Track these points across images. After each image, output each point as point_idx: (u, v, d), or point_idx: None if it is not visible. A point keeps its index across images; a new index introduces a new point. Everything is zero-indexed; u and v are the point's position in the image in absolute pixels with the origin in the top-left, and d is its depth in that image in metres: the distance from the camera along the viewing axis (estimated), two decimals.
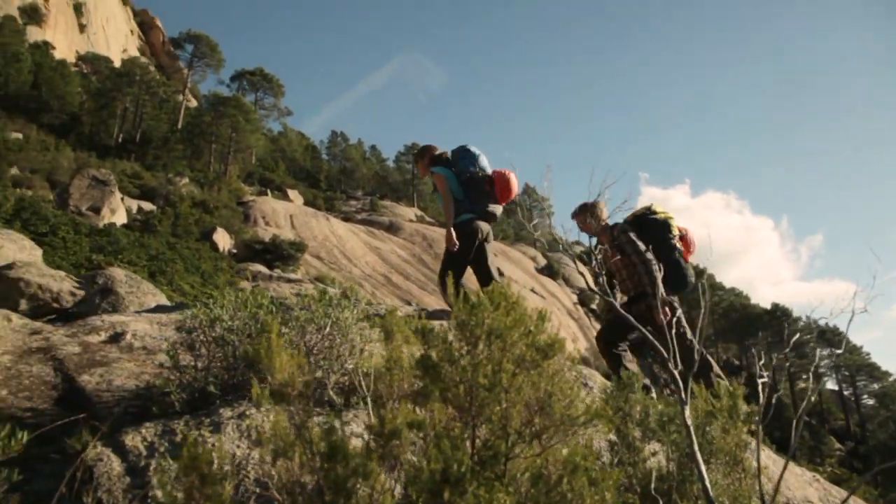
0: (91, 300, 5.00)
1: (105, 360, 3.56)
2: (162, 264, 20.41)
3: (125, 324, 4.02)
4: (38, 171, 29.94)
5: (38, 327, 4.02)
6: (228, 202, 36.18)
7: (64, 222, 20.94)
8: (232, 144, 47.90)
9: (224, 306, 2.59)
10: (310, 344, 2.78)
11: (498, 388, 1.19)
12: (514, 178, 5.38)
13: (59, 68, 49.05)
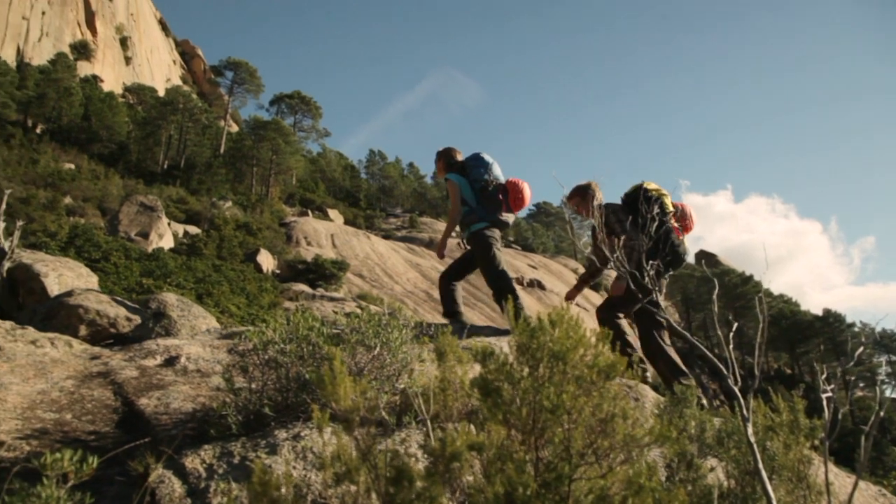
0: (145, 325, 5.13)
1: (161, 383, 3.64)
2: (209, 286, 20.80)
3: (179, 347, 4.11)
4: (90, 200, 30.87)
5: (98, 352, 4.14)
6: (271, 223, 36.76)
7: (115, 248, 21.52)
8: (273, 167, 48.73)
9: (276, 329, 2.64)
10: (360, 364, 2.80)
11: (560, 410, 1.19)
12: (526, 187, 5.41)
13: (108, 100, 50.70)
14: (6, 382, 3.46)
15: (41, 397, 3.40)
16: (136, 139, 48.72)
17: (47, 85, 47.40)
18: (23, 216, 21.10)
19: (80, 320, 4.67)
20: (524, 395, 1.24)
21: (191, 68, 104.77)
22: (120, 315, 4.83)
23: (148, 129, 48.47)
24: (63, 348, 4.08)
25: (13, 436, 2.88)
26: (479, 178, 5.37)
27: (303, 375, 2.62)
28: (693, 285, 52.05)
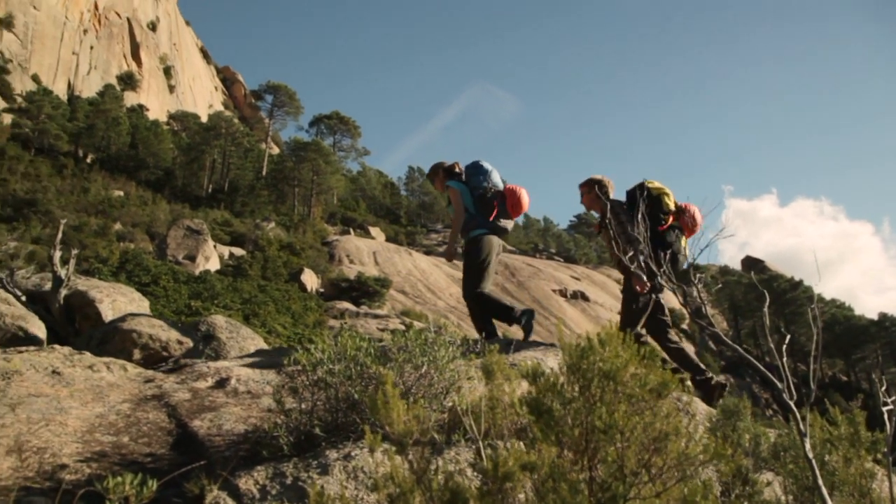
0: (195, 347, 5.24)
1: (213, 405, 3.71)
2: (255, 307, 21.13)
3: (229, 369, 4.19)
4: (139, 225, 31.69)
5: (151, 375, 4.24)
6: (314, 243, 37.22)
7: (164, 272, 22.03)
8: (314, 187, 49.39)
9: (324, 350, 2.68)
10: (408, 383, 2.82)
11: (613, 429, 1.19)
12: (524, 193, 5.43)
13: (153, 128, 52.15)
14: (66, 407, 3.57)
15: (99, 421, 3.49)
16: (181, 165, 49.93)
17: (96, 116, 48.98)
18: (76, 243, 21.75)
19: (133, 344, 4.80)
20: (576, 415, 1.24)
21: (232, 94, 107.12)
22: (171, 338, 4.94)
23: (192, 155, 49.62)
24: (118, 372, 4.19)
25: (75, 459, 2.97)
26: (479, 186, 5.41)
27: (352, 395, 2.65)
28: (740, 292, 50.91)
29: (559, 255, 59.24)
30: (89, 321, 5.80)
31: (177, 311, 16.17)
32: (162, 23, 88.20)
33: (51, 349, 4.41)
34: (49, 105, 45.94)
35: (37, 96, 46.82)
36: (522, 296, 38.65)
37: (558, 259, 56.53)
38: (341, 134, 66.77)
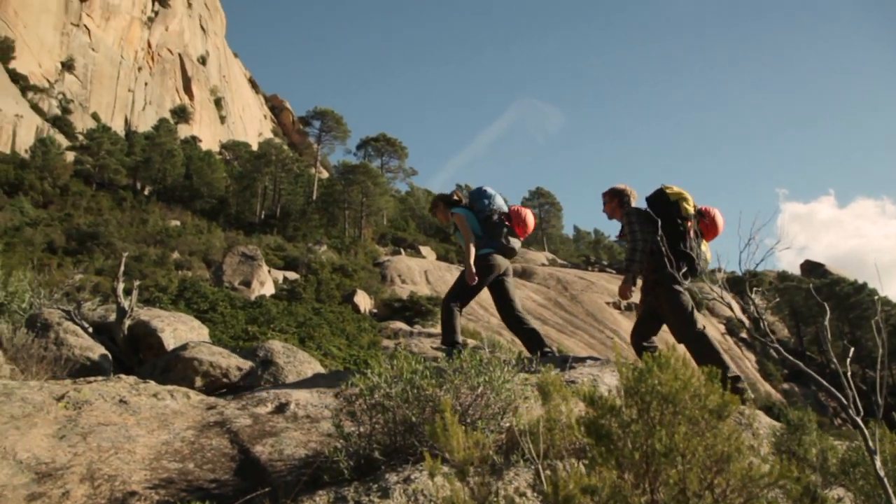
0: (254, 373, 5.34)
1: (274, 430, 3.77)
2: (310, 329, 21.41)
3: (288, 394, 4.25)
4: (195, 253, 32.53)
5: (213, 402, 4.33)
6: (365, 264, 37.58)
7: (221, 298, 22.54)
8: (364, 209, 49.98)
9: (380, 374, 2.70)
10: (464, 404, 2.82)
11: (674, 452, 1.17)
12: (529, 214, 5.63)
13: (206, 158, 53.72)
14: (134, 435, 3.67)
15: (165, 448, 3.58)
16: (234, 193, 51.19)
17: (152, 149, 50.67)
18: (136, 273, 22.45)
19: (195, 372, 4.92)
20: (635, 438, 1.23)
21: (280, 121, 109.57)
22: (231, 365, 5.05)
23: (244, 183, 50.81)
24: (182, 400, 4.30)
25: (143, 486, 3.06)
26: (484, 209, 5.57)
27: (409, 418, 2.67)
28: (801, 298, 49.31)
29: (612, 267, 58.45)
30: (152, 350, 5.98)
31: (234, 337, 16.51)
32: (211, 56, 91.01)
33: (117, 379, 4.55)
34: (108, 141, 47.73)
35: (97, 133, 48.71)
36: (576, 309, 38.27)
37: (611, 271, 55.79)
38: (388, 155, 67.53)
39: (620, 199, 5.10)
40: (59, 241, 29.42)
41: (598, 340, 34.03)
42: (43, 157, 41.77)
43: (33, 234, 28.83)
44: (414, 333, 27.00)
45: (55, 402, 4.05)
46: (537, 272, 45.12)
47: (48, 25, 63.62)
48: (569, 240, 71.78)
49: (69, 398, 4.09)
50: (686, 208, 4.77)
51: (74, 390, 4.22)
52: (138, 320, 6.25)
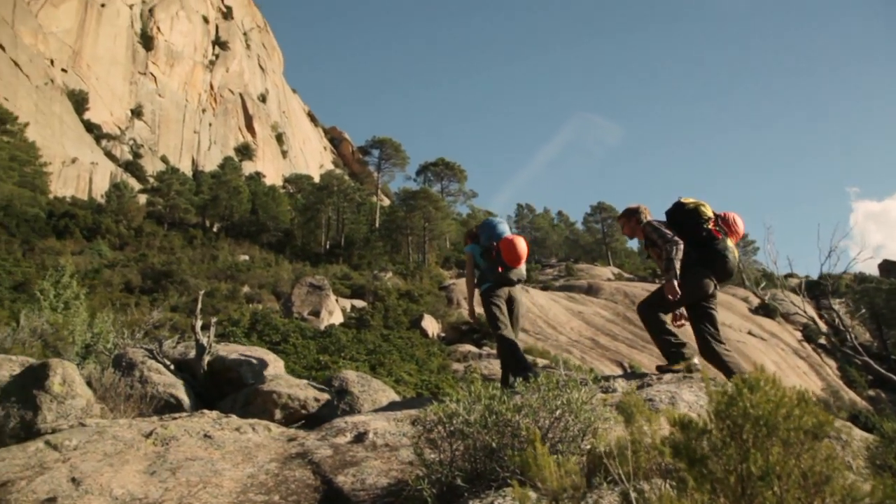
0: (331, 403, 5.41)
1: (354, 459, 3.81)
2: (380, 356, 21.60)
3: (366, 423, 4.29)
4: (265, 286, 33.28)
5: (293, 434, 4.41)
6: (431, 288, 37.76)
7: (292, 329, 22.99)
8: (426, 233, 50.35)
9: (459, 401, 2.71)
10: (543, 428, 2.80)
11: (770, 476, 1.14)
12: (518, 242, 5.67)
13: (271, 193, 55.19)
14: (220, 469, 3.76)
15: (251, 480, 3.66)
16: (298, 225, 52.34)
17: (219, 187, 52.37)
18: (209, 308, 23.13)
19: (274, 405, 5.03)
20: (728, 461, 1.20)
21: (340, 152, 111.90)
22: (308, 397, 5.14)
23: (308, 214, 51.92)
24: (263, 433, 4.39)
25: None
26: (486, 242, 5.80)
27: (490, 444, 2.66)
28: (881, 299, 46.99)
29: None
30: (231, 385, 6.14)
31: (307, 367, 16.78)
32: (271, 94, 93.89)
33: (201, 414, 4.68)
34: (177, 182, 49.62)
35: (166, 175, 50.71)
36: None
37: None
38: (448, 179, 68.04)
39: (637, 218, 5.27)
40: (136, 280, 30.58)
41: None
42: (117, 200, 43.68)
43: (111, 275, 30.06)
44: (483, 355, 26.92)
45: (144, 439, 4.20)
46: (604, 287, 44.47)
47: (118, 76, 66.95)
48: (634, 253, 70.47)
49: (157, 434, 4.23)
50: (705, 212, 4.96)
51: (161, 427, 4.37)
52: (217, 356, 6.43)
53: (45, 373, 4.77)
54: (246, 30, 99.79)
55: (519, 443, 2.81)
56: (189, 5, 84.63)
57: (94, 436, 4.17)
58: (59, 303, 9.14)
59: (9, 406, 4.56)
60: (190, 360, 6.53)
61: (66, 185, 47.44)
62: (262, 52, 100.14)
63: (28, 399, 4.62)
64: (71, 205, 43.03)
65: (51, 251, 32.02)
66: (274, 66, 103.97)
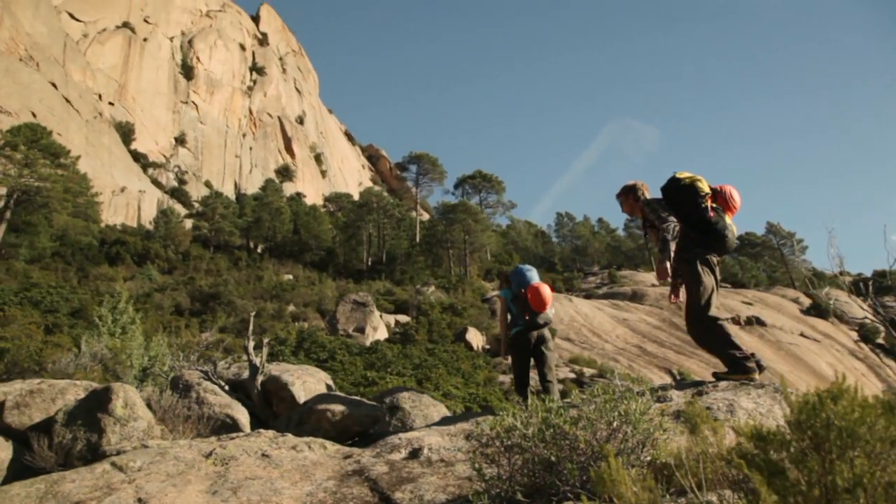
0: (383, 419, 5.44)
1: (411, 476, 3.83)
2: (426, 370, 21.64)
3: (420, 439, 4.31)
4: (309, 304, 33.64)
5: (348, 451, 4.45)
6: (474, 301, 37.72)
7: (338, 346, 23.18)
8: (467, 246, 50.38)
9: (515, 415, 2.71)
10: (601, 440, 2.78)
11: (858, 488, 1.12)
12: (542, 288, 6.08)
13: (312, 212, 55.88)
14: (279, 487, 3.82)
15: (310, 499, 3.70)
16: (340, 243, 52.86)
17: (261, 209, 53.25)
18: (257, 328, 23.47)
19: (328, 422, 5.08)
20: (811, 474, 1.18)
21: (378, 169, 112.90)
22: (361, 414, 5.19)
23: (350, 232, 52.40)
24: (319, 450, 4.45)
25: None
26: (515, 290, 6.24)
27: (548, 458, 2.66)
28: None
29: (726, 282, 55.97)
30: (285, 403, 6.23)
31: (355, 383, 16.89)
32: (308, 115, 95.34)
33: (257, 434, 4.76)
34: (221, 206, 50.60)
35: (210, 200, 51.78)
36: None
37: (725, 285, 53.45)
38: (486, 191, 68.09)
39: (634, 195, 5.21)
40: (185, 303, 31.20)
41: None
42: (165, 226, 44.76)
43: (161, 298, 30.74)
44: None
45: (204, 459, 4.29)
46: (648, 294, 43.86)
47: (161, 106, 68.85)
48: None
49: (216, 455, 4.31)
50: (701, 187, 4.85)
51: (220, 447, 4.45)
52: (269, 375, 6.54)
53: (107, 396, 4.91)
54: (281, 54, 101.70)
55: (577, 456, 2.80)
56: (226, 34, 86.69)
57: (156, 457, 4.27)
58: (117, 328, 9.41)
59: (75, 429, 4.70)
60: (244, 380, 6.65)
61: (116, 213, 48.80)
62: (297, 76, 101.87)
63: (93, 422, 4.76)
64: (121, 232, 44.24)
65: (104, 277, 32.92)
66: (310, 88, 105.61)
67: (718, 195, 4.94)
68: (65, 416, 4.86)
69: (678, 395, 4.26)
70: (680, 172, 5.03)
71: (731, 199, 4.94)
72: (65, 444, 4.64)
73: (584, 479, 2.72)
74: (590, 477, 2.85)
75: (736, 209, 4.97)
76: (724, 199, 4.93)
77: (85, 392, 5.34)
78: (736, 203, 4.96)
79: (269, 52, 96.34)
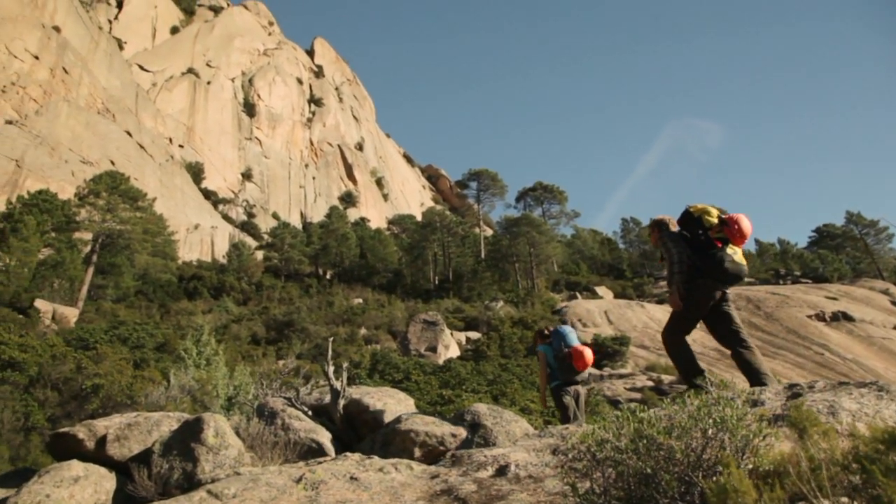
0: (466, 437, 5.44)
1: (500, 493, 3.80)
2: (501, 386, 21.53)
3: (506, 455, 4.28)
4: (380, 326, 34.02)
5: (435, 471, 4.46)
6: (544, 313, 37.45)
7: (412, 366, 23.32)
8: (532, 259, 50.10)
9: (606, 428, 2.67)
10: (697, 450, 2.70)
11: None
12: (587, 352, 7.05)
13: (377, 236, 56.68)
14: None
15: None
16: (406, 264, 53.34)
17: (327, 236, 54.32)
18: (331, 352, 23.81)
19: (413, 443, 5.11)
20: None
21: (439, 188, 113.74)
22: (445, 433, 5.20)
23: (415, 253, 52.83)
24: (405, 472, 4.47)
25: None
26: (557, 348, 7.21)
27: (643, 470, 2.60)
28: None
29: (806, 277, 53.82)
30: (367, 426, 6.30)
31: (431, 403, 16.94)
32: (367, 141, 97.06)
33: (344, 457, 4.82)
34: (289, 235, 51.85)
35: (278, 230, 53.13)
36: (774, 328, 35.52)
37: (806, 281, 51.42)
38: (548, 202, 67.69)
39: (660, 229, 5.49)
40: (261, 332, 32.02)
41: (806, 358, 31.26)
42: (237, 259, 46.15)
43: (238, 329, 31.62)
44: (604, 377, 26.36)
45: (295, 485, 4.37)
46: None
47: (227, 144, 71.41)
48: (752, 255, 66.96)
49: (306, 479, 4.38)
50: (708, 220, 5.12)
51: (309, 472, 4.52)
52: (351, 399, 6.62)
53: (199, 426, 5.07)
54: (337, 84, 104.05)
55: (673, 467, 2.73)
56: (283, 70, 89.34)
57: (249, 483, 4.38)
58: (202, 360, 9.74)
59: (171, 459, 4.87)
60: (326, 404, 6.76)
61: (191, 249, 50.62)
62: (354, 103, 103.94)
63: (187, 452, 4.92)
64: (197, 267, 45.84)
65: (184, 312, 34.13)
66: (366, 114, 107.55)
67: (726, 226, 5.08)
68: (161, 447, 5.03)
69: (772, 399, 4.10)
70: (692, 205, 5.31)
71: (735, 228, 5.06)
72: (163, 474, 4.80)
73: (683, 490, 2.64)
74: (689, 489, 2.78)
75: (743, 238, 5.10)
76: (731, 229, 5.07)
77: (178, 423, 5.52)
78: (743, 232, 5.07)
79: (326, 83, 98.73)
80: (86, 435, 5.39)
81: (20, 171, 41.53)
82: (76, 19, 58.25)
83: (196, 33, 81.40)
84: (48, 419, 13.21)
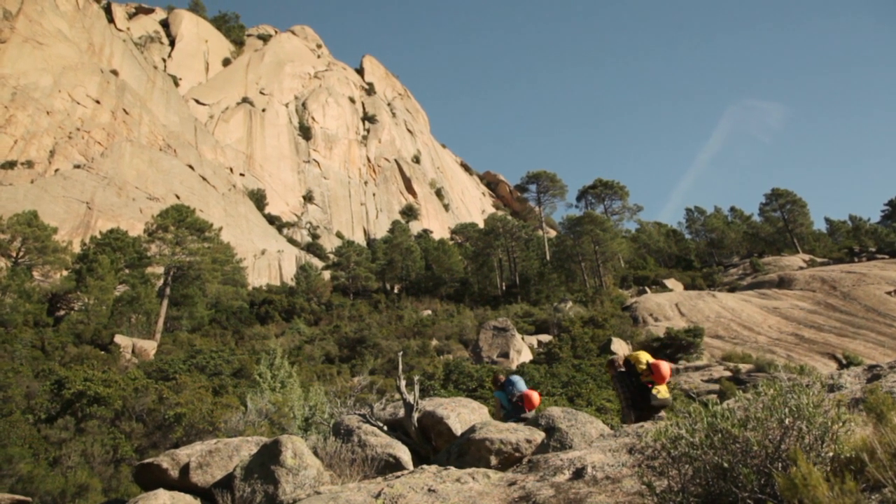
0: (542, 442, 5.40)
1: (578, 496, 3.77)
2: (576, 387, 21.31)
3: (581, 458, 4.25)
4: (451, 336, 34.12)
5: (511, 478, 4.45)
6: (614, 311, 36.89)
7: (485, 374, 23.31)
8: (598, 257, 49.44)
9: (680, 424, 2.62)
10: (775, 440, 2.63)
11: None
12: (533, 395, 8.44)
13: (441, 246, 56.95)
14: None
15: None
16: (472, 272, 53.38)
17: (392, 251, 54.92)
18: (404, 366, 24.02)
19: (488, 452, 5.12)
20: None
21: (498, 194, 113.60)
22: (520, 439, 5.19)
23: (480, 260, 52.84)
24: (483, 480, 4.48)
25: None
26: (509, 393, 8.49)
27: (720, 464, 2.54)
28: None
29: (882, 252, 51.33)
30: (442, 437, 6.33)
31: None
32: (423, 153, 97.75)
33: (421, 470, 4.86)
34: (354, 253, 52.62)
35: (343, 249, 54.00)
36: (852, 307, 34.03)
37: (882, 256, 49.04)
38: (610, 198, 66.81)
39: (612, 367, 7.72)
40: (334, 351, 32.54)
41: (888, 336, 29.85)
42: (305, 281, 47.07)
43: (311, 349, 32.23)
44: (680, 370, 25.77)
45: (374, 500, 4.43)
46: (797, 277, 41.06)
47: (287, 169, 73.12)
48: (823, 235, 64.22)
49: (385, 495, 4.44)
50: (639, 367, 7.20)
51: (387, 486, 4.58)
52: (424, 411, 6.68)
53: (277, 449, 5.20)
54: (389, 100, 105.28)
55: (751, 459, 2.65)
56: (335, 91, 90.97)
57: (329, 502, 4.46)
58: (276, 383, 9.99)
59: (253, 482, 5.01)
60: (400, 418, 6.83)
61: (259, 275, 51.92)
62: (407, 117, 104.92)
63: (268, 474, 5.05)
64: (267, 292, 46.95)
65: (258, 336, 35.00)
66: (420, 127, 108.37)
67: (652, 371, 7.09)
68: (242, 472, 5.18)
69: (852, 382, 3.95)
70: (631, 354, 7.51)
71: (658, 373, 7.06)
72: (245, 498, 4.94)
73: (763, 483, 2.57)
74: (769, 481, 2.70)
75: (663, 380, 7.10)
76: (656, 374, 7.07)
77: (257, 447, 5.67)
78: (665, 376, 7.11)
79: (377, 99, 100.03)
80: (169, 464, 5.60)
81: (91, 213, 43.54)
82: (132, 61, 60.90)
83: (247, 63, 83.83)
84: (135, 450, 13.77)
